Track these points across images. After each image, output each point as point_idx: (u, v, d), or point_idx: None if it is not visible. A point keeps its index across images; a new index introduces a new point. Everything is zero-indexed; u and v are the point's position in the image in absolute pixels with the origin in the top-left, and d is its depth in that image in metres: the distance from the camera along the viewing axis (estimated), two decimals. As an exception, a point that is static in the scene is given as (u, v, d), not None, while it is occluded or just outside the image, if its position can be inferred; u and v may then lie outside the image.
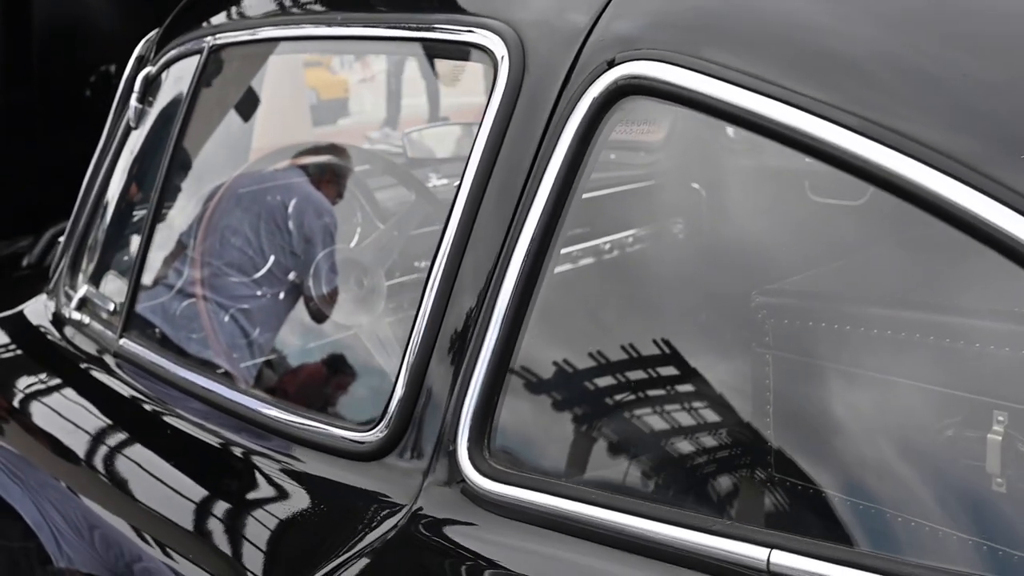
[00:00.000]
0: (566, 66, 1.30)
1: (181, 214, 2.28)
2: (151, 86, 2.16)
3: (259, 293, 2.36)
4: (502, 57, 1.36)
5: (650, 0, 1.28)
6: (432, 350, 1.37)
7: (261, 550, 1.48)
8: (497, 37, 1.37)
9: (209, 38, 1.97)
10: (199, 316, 2.18)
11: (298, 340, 2.33)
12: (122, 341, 2.00)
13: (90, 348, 2.12)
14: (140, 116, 2.17)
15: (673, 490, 1.35)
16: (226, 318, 2.24)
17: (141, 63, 2.27)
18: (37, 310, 2.43)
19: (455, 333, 1.35)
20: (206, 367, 2.07)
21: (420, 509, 1.34)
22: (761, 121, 1.12)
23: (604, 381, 1.41)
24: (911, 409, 1.32)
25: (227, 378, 1.96)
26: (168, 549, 1.58)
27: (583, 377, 1.41)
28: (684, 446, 1.40)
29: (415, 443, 1.38)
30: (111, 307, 2.09)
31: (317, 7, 1.75)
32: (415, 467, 1.37)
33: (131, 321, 2.02)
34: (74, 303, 2.20)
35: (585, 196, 1.29)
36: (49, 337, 2.29)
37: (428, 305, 1.38)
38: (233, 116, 2.27)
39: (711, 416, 1.41)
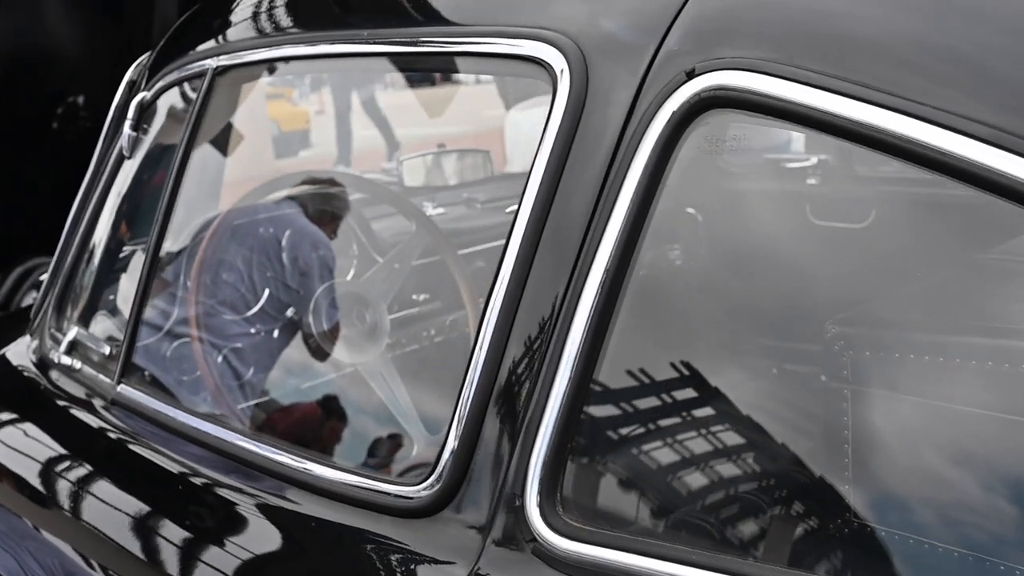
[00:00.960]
0: (636, 78, 1.19)
1: (186, 249, 2.13)
2: (146, 113, 2.02)
3: (275, 336, 2.22)
4: (561, 71, 1.24)
5: (731, 2, 1.17)
6: (491, 392, 1.24)
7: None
8: (554, 49, 1.25)
9: (211, 60, 1.83)
10: (209, 360, 2.04)
11: (329, 386, 2.18)
12: (120, 387, 1.85)
13: (83, 395, 1.96)
14: (134, 145, 2.03)
15: (774, 547, 1.23)
16: (239, 362, 2.09)
17: (133, 89, 2.13)
18: (19, 353, 2.27)
19: (518, 373, 1.22)
20: (217, 416, 1.92)
21: (481, 571, 1.21)
22: (875, 134, 1.01)
23: (692, 424, 1.29)
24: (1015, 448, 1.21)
25: (243, 427, 1.81)
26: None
27: (668, 419, 1.29)
28: (784, 496, 1.27)
29: (473, 497, 1.24)
30: (106, 351, 1.94)
31: (338, 23, 1.62)
32: (474, 524, 1.23)
33: (130, 366, 1.86)
34: (63, 347, 2.04)
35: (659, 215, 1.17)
36: (35, 383, 2.13)
37: (485, 343, 1.25)
38: (241, 142, 2.13)
39: (799, 461, 1.29)
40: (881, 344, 1.30)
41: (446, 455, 1.27)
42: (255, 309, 2.24)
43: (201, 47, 1.88)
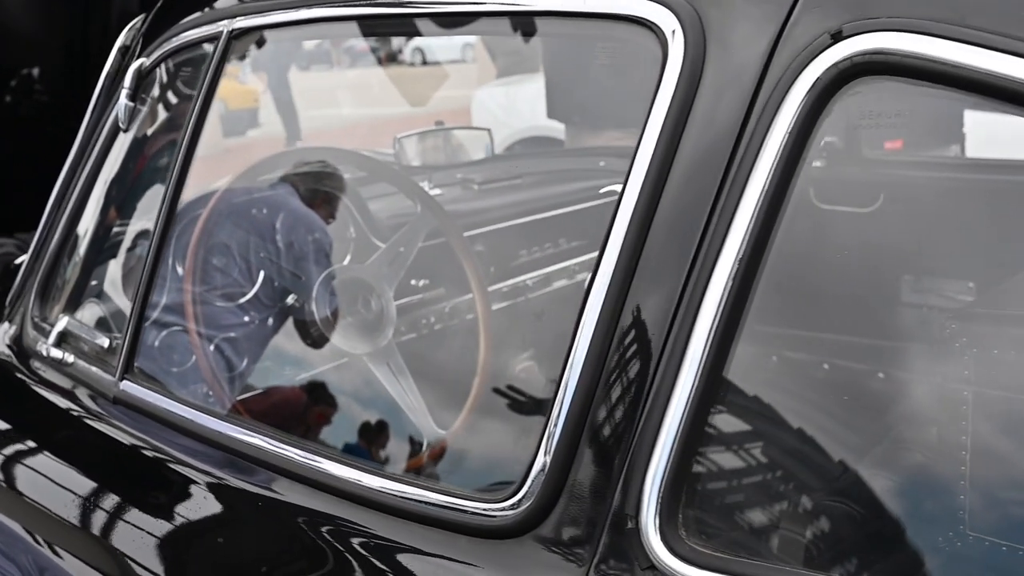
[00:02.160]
0: (766, 40, 1.04)
1: (198, 231, 1.95)
2: (145, 81, 1.83)
3: (294, 328, 2.05)
4: (672, 32, 1.09)
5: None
6: (591, 399, 1.09)
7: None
8: (663, 7, 1.10)
9: (225, 22, 1.65)
10: (227, 355, 1.86)
11: (343, 379, 2.01)
12: (124, 384, 1.67)
13: (78, 392, 1.77)
14: (131, 116, 1.83)
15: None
16: (259, 356, 1.91)
17: (126, 55, 1.93)
18: (-5, 345, 2.07)
19: (626, 377, 1.07)
20: (239, 416, 1.74)
21: (585, 601, 1.06)
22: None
23: (836, 439, 1.15)
24: None
25: (269, 429, 1.63)
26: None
27: (808, 432, 1.15)
28: (931, 513, 1.14)
29: (570, 518, 1.09)
30: (104, 344, 1.75)
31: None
32: (572, 547, 1.09)
33: (134, 360, 1.68)
34: (52, 338, 1.85)
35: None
36: (18, 378, 1.93)
37: (583, 343, 1.09)
38: (262, 112, 1.94)
39: (948, 481, 1.16)
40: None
41: (536, 470, 1.11)
42: (278, 299, 2.06)
43: (214, 7, 1.69)
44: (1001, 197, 1.70)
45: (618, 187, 1.23)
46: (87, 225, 1.95)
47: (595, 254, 3.07)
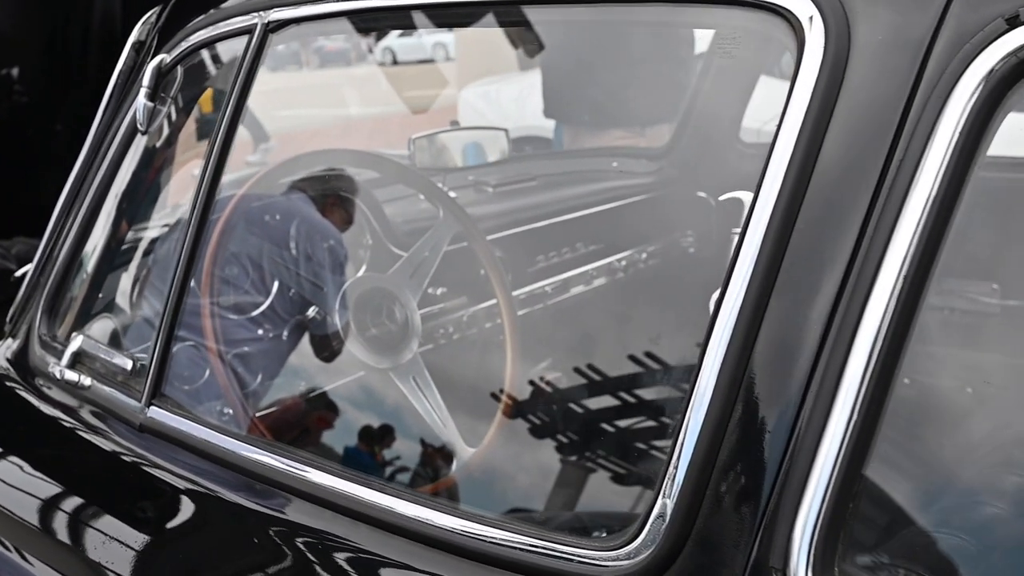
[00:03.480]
0: (924, 28, 0.92)
1: (245, 240, 1.80)
2: (165, 79, 1.68)
3: (334, 341, 1.91)
4: (810, 19, 0.97)
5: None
6: (723, 433, 0.96)
7: None
8: (796, -9, 0.98)
9: (258, 14, 1.52)
10: (283, 381, 1.72)
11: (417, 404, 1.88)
12: (151, 410, 1.52)
13: (97, 419, 1.63)
14: (151, 117, 1.69)
15: None
16: (310, 380, 1.77)
17: (141, 51, 1.79)
18: (-2, 364, 1.92)
19: (769, 406, 0.94)
20: (286, 448, 1.60)
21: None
22: None
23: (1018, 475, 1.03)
24: None
25: (323, 462, 1.49)
26: None
27: (988, 469, 1.02)
28: None
29: (697, 568, 0.97)
30: (128, 365, 1.60)
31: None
32: (703, 601, 0.96)
33: (162, 384, 1.54)
34: (65, 359, 1.70)
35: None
36: (25, 403, 1.78)
37: (712, 369, 0.97)
38: (306, 111, 1.79)
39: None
40: None
41: (655, 514, 0.99)
42: (298, 313, 1.93)
43: (243, -1, 1.56)
44: None
45: (737, 194, 1.12)
46: (100, 234, 1.80)
47: (613, 257, 2.96)
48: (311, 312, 2.06)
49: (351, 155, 2.36)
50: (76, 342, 1.70)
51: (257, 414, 1.79)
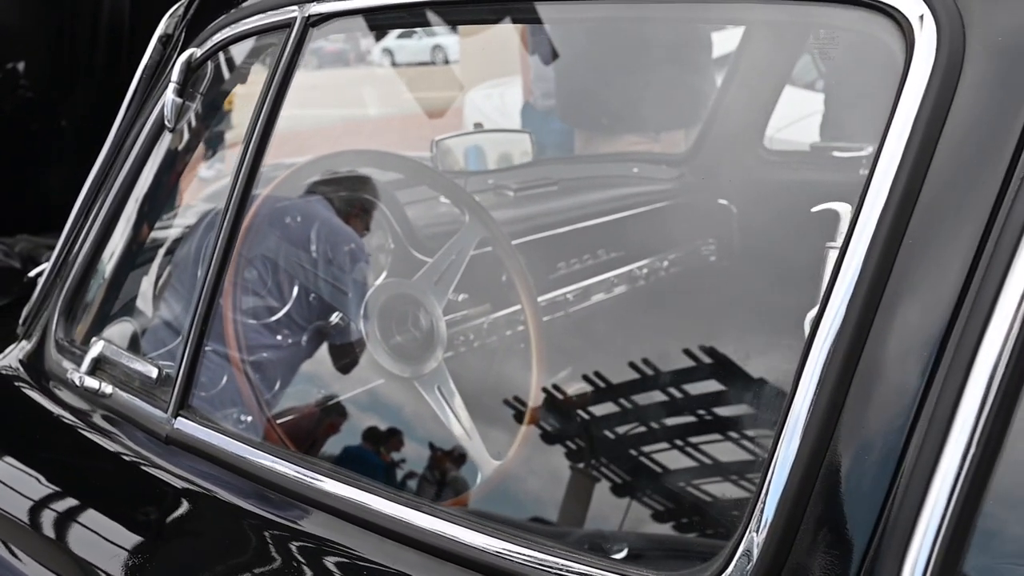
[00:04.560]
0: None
1: (267, 243, 1.73)
2: (195, 74, 1.61)
3: (359, 349, 1.84)
4: (920, 18, 0.90)
5: None
6: (821, 460, 0.89)
7: None
8: (901, -13, 0.91)
9: (297, 7, 1.45)
10: (308, 390, 1.65)
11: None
12: (178, 422, 1.45)
13: (119, 429, 1.55)
14: (180, 113, 1.62)
15: None
16: (350, 388, 1.70)
17: (168, 45, 1.72)
18: (9, 366, 1.84)
19: (873, 437, 0.87)
20: (329, 465, 1.53)
21: None
22: None
23: None
24: None
25: (369, 482, 1.41)
26: None
27: None
28: None
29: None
30: (153, 374, 1.53)
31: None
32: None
33: (191, 394, 1.46)
34: (85, 365, 1.62)
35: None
36: (41, 407, 1.71)
37: (810, 392, 0.90)
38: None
39: None
40: None
41: (741, 551, 0.92)
42: (323, 319, 1.86)
43: (281, -10, 1.48)
44: None
45: (832, 205, 1.05)
46: (122, 234, 1.73)
47: (634, 264, 2.88)
48: (335, 318, 2.00)
49: (376, 156, 2.29)
50: (96, 347, 1.62)
51: (277, 421, 1.71)
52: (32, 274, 2.01)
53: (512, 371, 2.27)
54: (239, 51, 1.57)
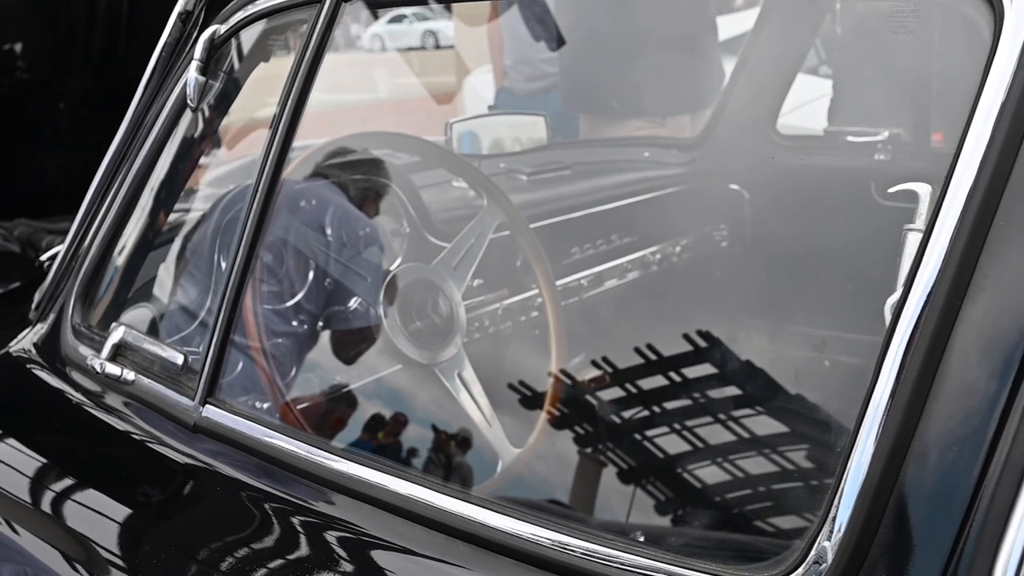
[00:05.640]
0: None
1: (296, 225, 1.69)
2: (219, 52, 1.57)
3: (377, 335, 1.80)
4: (1011, 3, 0.86)
5: None
6: (904, 452, 0.86)
7: None
8: (990, -37, 0.87)
9: (330, -18, 1.40)
10: (331, 376, 1.61)
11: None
12: (206, 410, 1.41)
13: (144, 417, 1.51)
14: (203, 92, 1.57)
15: None
16: (369, 377, 1.66)
17: (188, 22, 1.67)
18: (24, 350, 1.79)
19: (960, 425, 0.84)
20: (367, 454, 1.49)
21: None
22: None
23: None
24: None
25: (409, 471, 1.37)
26: None
27: None
28: None
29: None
30: (179, 361, 1.49)
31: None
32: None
33: (219, 381, 1.42)
34: (106, 351, 1.58)
35: None
36: (59, 393, 1.66)
37: (889, 383, 0.87)
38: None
39: None
40: None
41: (822, 540, 0.88)
42: (354, 306, 1.82)
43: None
44: None
45: (910, 185, 1.02)
46: (141, 217, 1.68)
47: (647, 250, 2.86)
48: (353, 304, 1.96)
49: (395, 139, 2.24)
50: (117, 333, 1.58)
51: (299, 407, 1.68)
52: (44, 258, 1.96)
53: (530, 356, 2.24)
54: (264, 28, 1.52)
